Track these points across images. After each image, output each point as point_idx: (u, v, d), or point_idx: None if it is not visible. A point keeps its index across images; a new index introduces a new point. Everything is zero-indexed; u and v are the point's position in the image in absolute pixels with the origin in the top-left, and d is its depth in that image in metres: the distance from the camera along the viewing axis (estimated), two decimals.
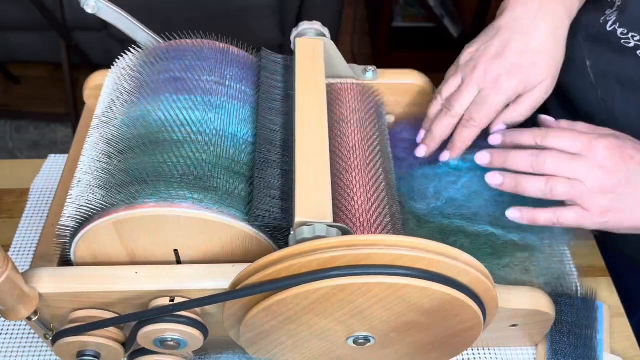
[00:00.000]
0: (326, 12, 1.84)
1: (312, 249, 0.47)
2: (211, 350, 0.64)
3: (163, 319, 0.52)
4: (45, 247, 0.60)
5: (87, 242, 0.55)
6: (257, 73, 0.67)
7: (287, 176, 0.58)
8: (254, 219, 0.54)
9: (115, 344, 0.55)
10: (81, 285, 0.53)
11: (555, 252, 0.74)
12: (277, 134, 0.62)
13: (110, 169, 0.56)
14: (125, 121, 0.60)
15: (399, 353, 0.57)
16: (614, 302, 0.71)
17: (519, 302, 0.58)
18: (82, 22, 1.79)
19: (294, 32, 0.70)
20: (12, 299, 0.50)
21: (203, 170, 0.55)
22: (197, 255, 0.57)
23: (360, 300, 0.48)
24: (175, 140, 0.56)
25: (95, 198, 0.54)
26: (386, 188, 0.63)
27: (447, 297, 0.48)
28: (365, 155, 0.65)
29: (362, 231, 0.57)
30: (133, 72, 0.65)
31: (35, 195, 0.81)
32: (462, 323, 0.52)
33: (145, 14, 1.70)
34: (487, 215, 0.63)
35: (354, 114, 0.68)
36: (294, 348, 0.55)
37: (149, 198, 0.53)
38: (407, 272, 0.47)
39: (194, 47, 0.65)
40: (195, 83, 0.61)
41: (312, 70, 0.65)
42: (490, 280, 0.51)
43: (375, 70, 0.74)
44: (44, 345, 0.67)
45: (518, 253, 0.63)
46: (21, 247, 0.76)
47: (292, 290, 0.48)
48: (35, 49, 1.95)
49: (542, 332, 0.64)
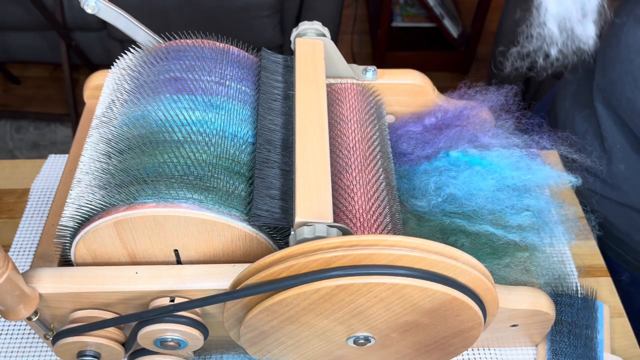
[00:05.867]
0: (326, 12, 1.84)
1: (313, 249, 0.47)
2: (212, 351, 0.64)
3: (163, 319, 0.52)
4: (45, 247, 0.60)
5: (87, 242, 0.55)
6: (257, 73, 0.67)
7: (287, 176, 0.58)
8: (254, 219, 0.54)
9: (116, 344, 0.55)
10: (81, 285, 0.53)
11: (555, 252, 0.74)
12: (277, 134, 0.62)
13: (110, 169, 0.56)
14: (126, 121, 0.60)
15: (399, 353, 0.57)
16: (614, 302, 0.71)
17: (519, 302, 0.58)
18: (82, 22, 1.79)
19: (294, 32, 0.70)
20: (13, 299, 0.50)
21: (203, 171, 0.55)
22: (197, 255, 0.57)
23: (361, 300, 0.48)
24: (175, 140, 0.56)
25: (96, 198, 0.54)
26: (386, 188, 0.63)
27: (448, 297, 0.49)
28: (366, 155, 0.65)
29: (362, 231, 0.57)
30: (133, 72, 0.65)
31: (35, 195, 0.81)
32: (463, 323, 0.52)
33: (145, 14, 1.71)
34: (487, 213, 0.63)
35: (354, 114, 0.68)
36: (294, 348, 0.55)
37: (149, 198, 0.53)
38: (408, 272, 0.47)
39: (194, 47, 0.65)
40: (196, 83, 0.61)
41: (312, 70, 0.65)
42: (490, 280, 0.51)
43: (375, 70, 0.74)
44: (44, 345, 0.67)
45: (518, 253, 0.64)
46: (21, 247, 0.76)
47: (292, 290, 0.48)
48: (35, 49, 1.95)
49: (542, 332, 0.64)
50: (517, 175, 0.66)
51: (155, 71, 0.63)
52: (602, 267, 0.75)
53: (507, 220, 0.63)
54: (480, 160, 0.67)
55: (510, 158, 0.67)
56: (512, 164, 0.67)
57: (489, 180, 0.65)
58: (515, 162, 0.67)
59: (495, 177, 0.66)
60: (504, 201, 0.64)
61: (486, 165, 0.66)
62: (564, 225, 0.67)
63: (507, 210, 0.64)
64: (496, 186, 0.65)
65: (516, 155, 0.67)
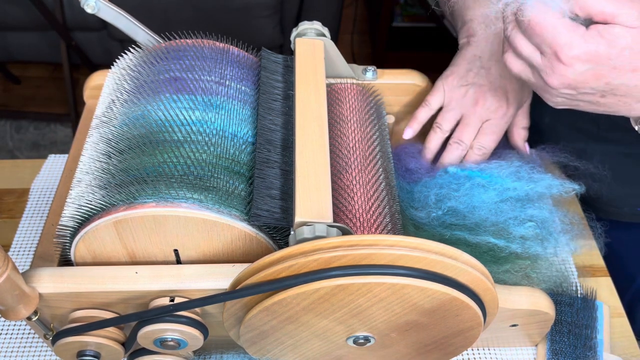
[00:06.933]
0: (326, 12, 1.84)
1: (312, 249, 0.47)
2: (212, 351, 0.64)
3: (163, 319, 0.52)
4: (45, 247, 0.61)
5: (87, 242, 0.55)
6: (257, 73, 0.67)
7: (287, 176, 0.58)
8: (254, 219, 0.54)
9: (116, 344, 0.55)
10: (81, 285, 0.53)
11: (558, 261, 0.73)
12: (277, 134, 0.62)
13: (110, 168, 0.56)
14: (125, 121, 0.60)
15: (399, 353, 0.57)
16: (614, 302, 0.71)
17: (519, 302, 0.58)
18: (82, 22, 1.79)
19: (294, 32, 0.70)
20: (12, 299, 0.50)
21: (203, 170, 0.55)
22: (197, 255, 0.57)
23: (361, 300, 0.48)
24: (175, 140, 0.56)
25: (96, 198, 0.54)
26: (386, 188, 0.63)
27: (447, 297, 0.49)
28: (365, 155, 0.65)
29: (362, 231, 0.57)
30: (133, 72, 0.65)
31: (35, 195, 0.81)
32: (462, 323, 0.52)
33: (145, 14, 1.71)
34: (490, 225, 0.63)
35: (354, 114, 0.68)
36: (294, 348, 0.55)
37: (149, 198, 0.53)
38: (407, 272, 0.47)
39: (194, 47, 0.65)
40: (195, 83, 0.61)
41: (312, 70, 0.65)
42: (490, 280, 0.51)
43: (375, 70, 0.74)
44: (44, 345, 0.67)
45: (519, 261, 0.63)
46: (21, 247, 0.76)
47: (292, 290, 0.48)
48: (35, 49, 1.95)
49: (542, 332, 0.64)
50: (519, 186, 0.66)
51: (155, 71, 0.63)
52: (602, 267, 0.75)
53: (510, 232, 0.63)
54: (480, 172, 0.67)
55: (510, 168, 0.67)
56: (512, 173, 0.67)
57: (490, 192, 0.65)
58: (516, 172, 0.67)
59: (497, 188, 0.65)
60: (507, 212, 0.64)
61: (486, 177, 0.66)
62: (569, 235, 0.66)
63: (510, 221, 0.64)
64: (498, 197, 0.65)
65: (515, 165, 0.67)
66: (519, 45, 0.54)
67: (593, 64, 0.51)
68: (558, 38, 0.50)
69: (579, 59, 0.50)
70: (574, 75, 0.51)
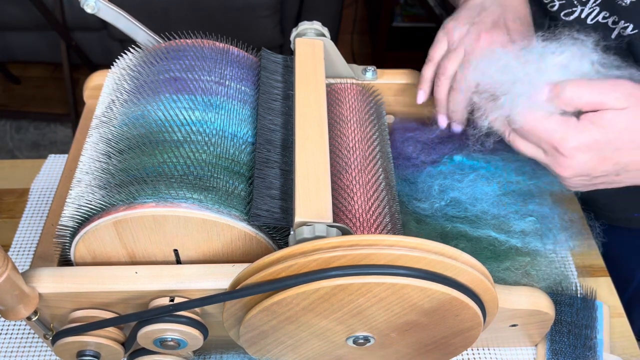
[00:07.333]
0: (326, 12, 1.84)
1: (312, 249, 0.47)
2: (211, 351, 0.64)
3: (163, 319, 0.52)
4: (45, 247, 0.60)
5: (87, 242, 0.55)
6: (257, 73, 0.67)
7: (287, 176, 0.58)
8: (254, 219, 0.54)
9: (115, 344, 0.55)
10: (81, 285, 0.53)
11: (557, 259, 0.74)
12: (277, 134, 0.62)
13: (110, 169, 0.56)
14: (125, 121, 0.60)
15: (399, 353, 0.57)
16: (614, 302, 0.71)
17: (519, 302, 0.58)
18: (82, 22, 1.79)
19: (294, 32, 0.70)
20: (12, 299, 0.50)
21: (203, 170, 0.55)
22: (196, 255, 0.57)
23: (360, 300, 0.48)
24: (175, 140, 0.56)
25: (95, 198, 0.54)
26: (386, 188, 0.63)
27: (447, 297, 0.49)
28: (365, 155, 0.65)
29: (362, 231, 0.57)
30: (133, 72, 0.65)
31: (35, 195, 0.81)
32: (462, 323, 0.52)
33: (145, 14, 1.71)
34: (491, 218, 0.63)
35: (354, 114, 0.68)
36: (294, 348, 0.55)
37: (149, 198, 0.53)
38: (407, 272, 0.47)
39: (194, 47, 0.65)
40: (195, 83, 0.61)
41: (312, 70, 0.65)
42: (490, 280, 0.51)
43: (375, 70, 0.74)
44: (44, 345, 0.67)
45: (519, 257, 0.63)
46: (21, 247, 0.76)
47: (291, 290, 0.48)
48: (35, 49, 1.95)
49: (542, 332, 0.64)
50: (522, 180, 0.66)
51: (155, 71, 0.63)
52: (602, 267, 0.75)
53: (511, 226, 0.63)
54: (485, 163, 0.67)
55: (515, 162, 0.67)
56: (517, 167, 0.67)
57: (493, 184, 0.65)
58: (521, 167, 0.67)
59: (500, 180, 0.65)
60: (508, 206, 0.64)
61: (491, 168, 0.66)
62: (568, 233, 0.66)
63: (511, 215, 0.64)
64: (501, 190, 0.65)
65: (521, 159, 0.67)
66: (521, 148, 0.56)
67: (595, 150, 0.52)
68: (553, 134, 0.53)
69: (578, 150, 0.52)
70: (579, 164, 0.53)
